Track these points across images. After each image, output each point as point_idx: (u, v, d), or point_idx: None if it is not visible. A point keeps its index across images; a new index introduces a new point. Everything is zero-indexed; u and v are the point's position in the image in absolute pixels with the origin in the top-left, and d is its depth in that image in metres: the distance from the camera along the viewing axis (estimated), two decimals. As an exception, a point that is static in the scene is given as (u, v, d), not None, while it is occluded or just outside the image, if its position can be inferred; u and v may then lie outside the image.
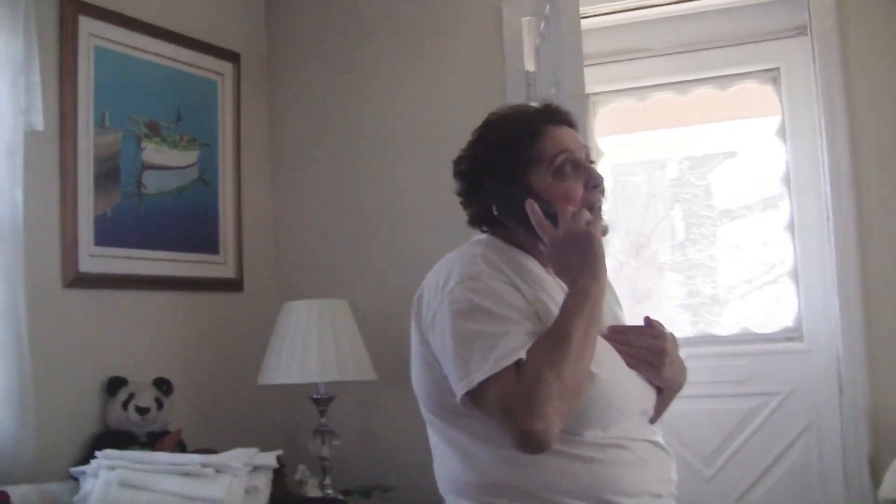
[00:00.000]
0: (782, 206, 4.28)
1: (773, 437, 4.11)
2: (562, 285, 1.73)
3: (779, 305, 4.35)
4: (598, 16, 3.82)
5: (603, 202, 1.84)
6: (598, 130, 4.50)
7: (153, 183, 3.65)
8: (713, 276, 4.59)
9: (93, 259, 3.37)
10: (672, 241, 4.70)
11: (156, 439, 3.26)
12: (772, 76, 4.26)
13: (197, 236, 3.87)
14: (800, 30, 3.94)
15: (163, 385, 3.42)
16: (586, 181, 1.80)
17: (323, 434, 3.58)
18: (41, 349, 3.04)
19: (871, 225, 3.47)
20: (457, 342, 1.64)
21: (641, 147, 4.74)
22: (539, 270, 1.79)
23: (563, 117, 1.87)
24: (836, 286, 3.52)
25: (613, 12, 3.86)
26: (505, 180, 1.79)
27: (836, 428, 3.73)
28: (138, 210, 3.59)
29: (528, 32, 3.82)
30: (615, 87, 4.48)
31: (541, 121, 1.84)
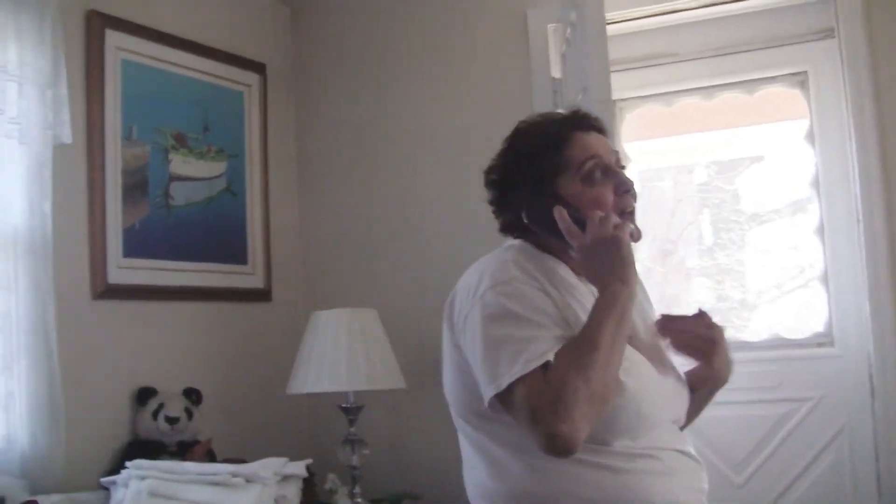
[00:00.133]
0: (811, 210, 4.24)
1: (804, 443, 4.06)
2: (593, 292, 1.73)
3: (809, 310, 4.30)
4: (623, 21, 3.81)
5: (635, 206, 1.83)
6: (624, 136, 4.48)
7: (181, 194, 3.67)
8: (742, 280, 4.55)
9: (121, 271, 3.39)
10: (700, 245, 4.67)
11: (185, 449, 3.28)
12: (799, 80, 4.22)
13: (225, 247, 3.88)
14: (827, 33, 3.90)
15: (192, 395, 3.44)
16: (616, 186, 1.80)
17: (352, 443, 3.57)
18: (71, 360, 3.06)
19: (902, 228, 3.44)
20: (487, 346, 1.64)
21: (669, 152, 4.71)
22: (570, 277, 1.78)
23: (591, 123, 1.87)
24: (866, 290, 3.50)
25: (639, 18, 3.85)
26: (534, 188, 1.79)
27: (868, 433, 3.70)
28: (166, 221, 3.61)
29: (553, 39, 3.82)
30: (642, 93, 4.46)
31: (569, 128, 1.84)
